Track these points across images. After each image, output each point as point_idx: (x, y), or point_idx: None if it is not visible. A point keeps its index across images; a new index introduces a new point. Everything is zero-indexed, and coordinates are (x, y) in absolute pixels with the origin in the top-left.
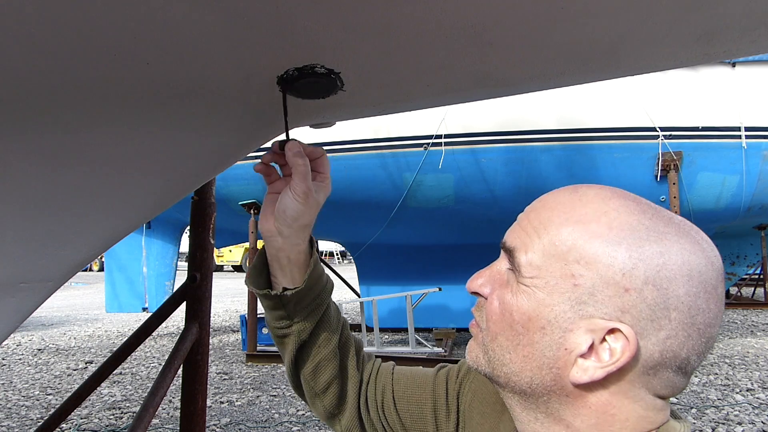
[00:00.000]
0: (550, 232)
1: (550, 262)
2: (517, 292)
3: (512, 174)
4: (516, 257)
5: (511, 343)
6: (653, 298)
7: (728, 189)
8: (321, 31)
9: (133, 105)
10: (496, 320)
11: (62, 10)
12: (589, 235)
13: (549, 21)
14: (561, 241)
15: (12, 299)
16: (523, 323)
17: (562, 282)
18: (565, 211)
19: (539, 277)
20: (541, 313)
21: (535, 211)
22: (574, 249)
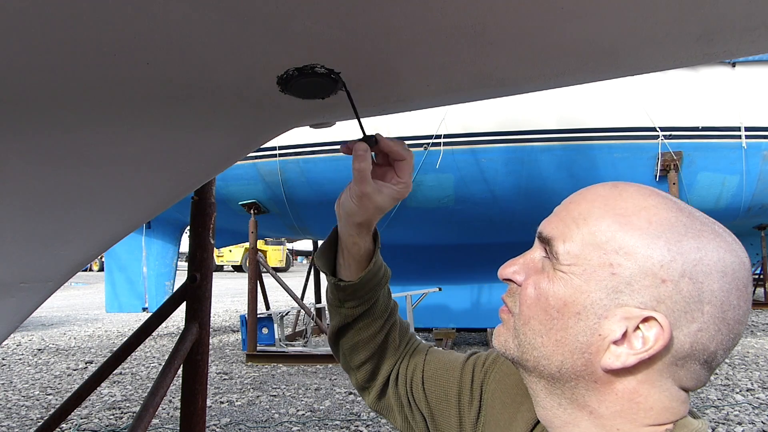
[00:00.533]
0: (589, 223)
1: (589, 251)
2: (554, 278)
3: (512, 174)
4: (554, 246)
5: (544, 327)
6: (688, 291)
7: (728, 189)
8: (321, 31)
9: (133, 105)
10: (531, 304)
11: (62, 10)
12: (630, 227)
13: (549, 21)
14: (601, 232)
15: (12, 299)
16: (559, 308)
17: (600, 270)
18: (605, 204)
19: (577, 264)
20: (577, 299)
21: (574, 203)
22: (613, 239)
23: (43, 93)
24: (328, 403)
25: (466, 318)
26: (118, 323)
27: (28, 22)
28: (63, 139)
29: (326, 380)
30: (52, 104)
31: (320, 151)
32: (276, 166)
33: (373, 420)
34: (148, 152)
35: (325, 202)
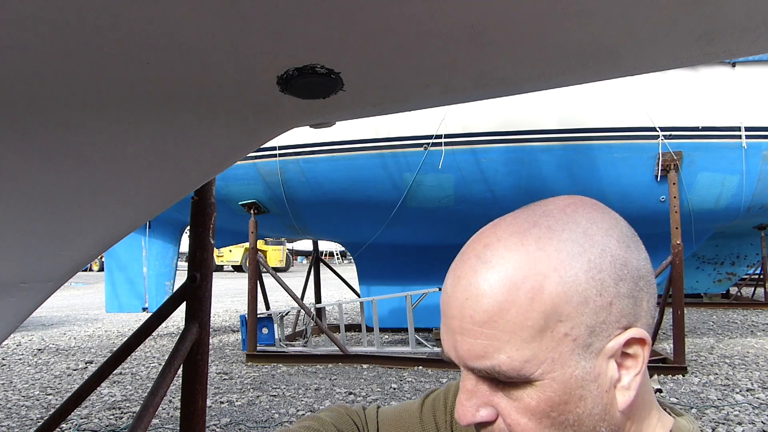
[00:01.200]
0: (510, 321)
1: (538, 342)
2: (536, 393)
3: (512, 174)
4: (504, 371)
5: (560, 431)
6: (628, 288)
7: (728, 189)
8: (321, 31)
9: (133, 105)
10: (535, 428)
11: (62, 10)
12: (546, 291)
13: (549, 21)
14: (529, 319)
15: (12, 299)
16: (563, 410)
17: (562, 346)
18: (504, 288)
19: (541, 361)
20: (569, 388)
21: (471, 309)
22: (546, 314)
23: (43, 93)
24: (328, 403)
25: None
26: (118, 323)
27: (29, 22)
28: (63, 139)
29: (326, 380)
30: (52, 104)
31: (320, 151)
32: (276, 166)
33: None
34: (148, 152)
35: (325, 202)
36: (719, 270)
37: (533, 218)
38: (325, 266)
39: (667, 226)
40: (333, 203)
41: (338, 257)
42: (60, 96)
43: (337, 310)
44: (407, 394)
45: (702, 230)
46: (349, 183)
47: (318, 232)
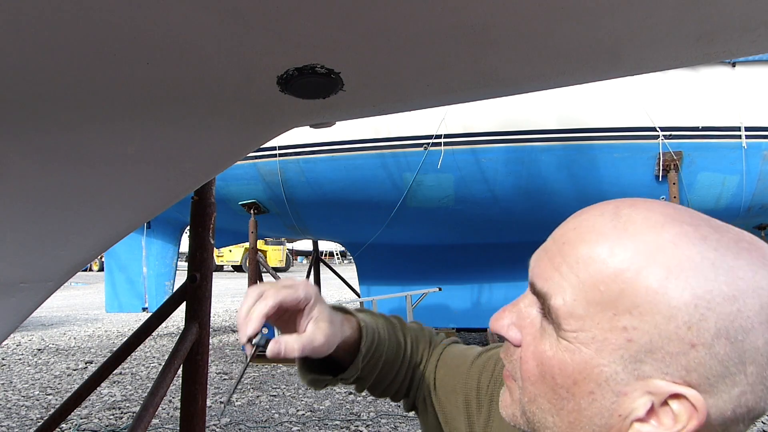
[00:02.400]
0: (592, 274)
1: (596, 312)
2: (557, 348)
3: (512, 174)
4: (552, 306)
5: (554, 407)
6: (726, 353)
7: (728, 189)
8: (321, 31)
9: (133, 105)
10: (535, 381)
11: (62, 11)
12: (643, 278)
13: (549, 21)
14: (607, 286)
15: (12, 299)
16: (568, 387)
17: (612, 336)
18: (608, 246)
19: (583, 330)
20: (588, 375)
21: (569, 243)
22: (624, 295)
23: (44, 93)
24: (328, 403)
25: (466, 318)
26: (118, 323)
27: (29, 22)
28: (63, 139)
29: None
30: (52, 104)
31: (320, 151)
32: (276, 166)
33: (373, 420)
34: (148, 152)
35: (325, 202)
36: None
37: (704, 220)
38: (325, 266)
39: None
40: (333, 203)
41: (338, 257)
42: (60, 96)
43: None
44: None
45: None
46: (349, 183)
47: (318, 232)
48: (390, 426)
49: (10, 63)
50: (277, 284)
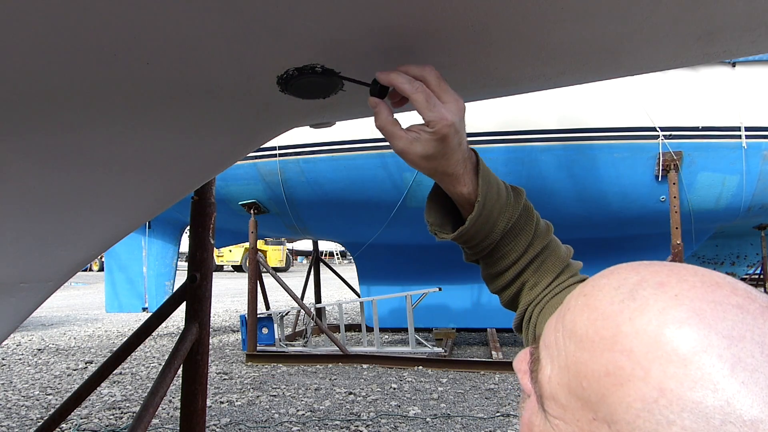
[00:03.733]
0: (579, 361)
1: (577, 407)
2: (545, 428)
3: (512, 174)
4: (539, 379)
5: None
6: None
7: (728, 189)
8: (321, 31)
9: (133, 105)
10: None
11: (62, 11)
12: (627, 393)
13: (549, 21)
14: (590, 384)
15: (12, 299)
16: None
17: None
18: (605, 334)
19: (564, 421)
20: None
21: (572, 311)
22: (605, 403)
23: (44, 93)
24: (328, 403)
25: (466, 318)
26: (118, 323)
27: (29, 22)
28: (63, 139)
29: (326, 380)
30: (52, 104)
31: (320, 151)
32: (276, 166)
33: (373, 420)
34: (148, 152)
35: (325, 202)
36: (719, 270)
37: (759, 324)
38: (325, 266)
39: (667, 226)
40: (333, 203)
41: (338, 257)
42: (60, 96)
43: (337, 310)
44: (407, 394)
45: (702, 230)
46: (349, 183)
47: (318, 232)
48: (390, 426)
49: (10, 63)
50: None
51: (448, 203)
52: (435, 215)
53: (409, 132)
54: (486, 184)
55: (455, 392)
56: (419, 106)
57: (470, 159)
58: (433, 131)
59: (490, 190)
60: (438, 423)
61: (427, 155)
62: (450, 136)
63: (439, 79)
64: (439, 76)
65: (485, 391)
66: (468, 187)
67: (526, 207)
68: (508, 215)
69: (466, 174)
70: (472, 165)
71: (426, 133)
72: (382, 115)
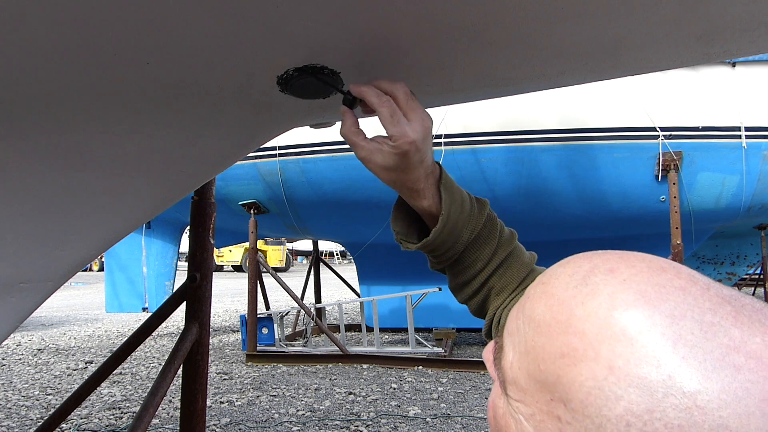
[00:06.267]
0: (537, 346)
1: (536, 389)
2: (507, 411)
3: (513, 174)
4: (502, 365)
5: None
6: None
7: (728, 189)
8: (321, 31)
9: (133, 105)
10: (491, 427)
11: (62, 10)
12: (578, 372)
13: (549, 21)
14: (547, 366)
15: (12, 299)
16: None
17: (549, 422)
18: (560, 318)
19: (524, 403)
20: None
21: (531, 298)
22: (560, 383)
23: (43, 93)
24: (328, 403)
25: (466, 318)
26: (118, 323)
27: (29, 22)
28: (63, 139)
29: (326, 380)
30: (52, 104)
31: (320, 151)
32: (276, 166)
33: (373, 420)
34: (148, 152)
35: (325, 202)
36: (719, 270)
37: (700, 305)
38: (325, 266)
39: (667, 226)
40: (333, 203)
41: (338, 257)
42: (60, 96)
43: (337, 310)
44: (407, 394)
45: (702, 230)
46: (349, 183)
47: (318, 232)
48: (390, 426)
49: (10, 63)
50: None
51: (413, 213)
52: (401, 224)
53: (372, 142)
54: (450, 197)
55: (455, 392)
56: (383, 120)
57: (433, 173)
58: (393, 146)
59: (454, 203)
60: (438, 423)
61: (386, 167)
62: (410, 153)
63: (408, 96)
64: (409, 94)
65: (485, 391)
66: (429, 200)
67: (490, 217)
68: (471, 226)
69: (427, 188)
70: (435, 179)
71: (387, 146)
72: (346, 123)
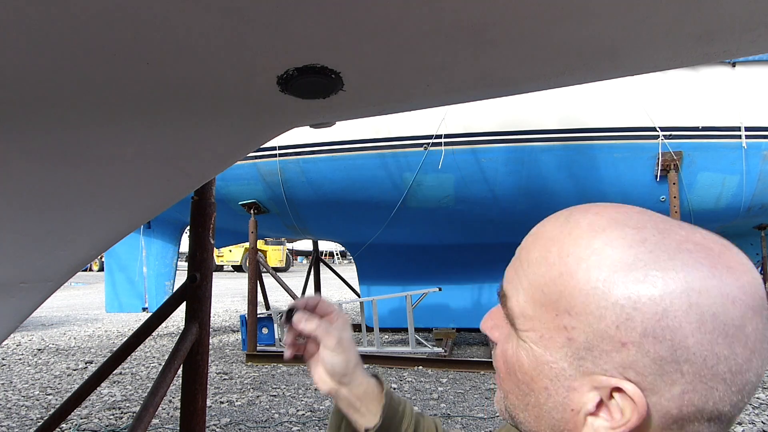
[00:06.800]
0: (538, 277)
1: (542, 312)
2: (517, 347)
3: (513, 174)
4: (509, 306)
5: (521, 402)
6: (656, 352)
7: (728, 189)
8: (321, 31)
9: (133, 105)
10: (504, 378)
11: (62, 11)
12: (577, 280)
13: (549, 21)
14: (549, 288)
15: (12, 299)
16: (527, 383)
17: (557, 335)
18: (554, 249)
19: (533, 329)
20: (542, 371)
21: (525, 248)
22: (563, 297)
23: (43, 93)
24: (328, 403)
25: (466, 318)
26: (118, 323)
27: (29, 22)
28: (63, 139)
29: None
30: (52, 104)
31: (320, 151)
32: (276, 166)
33: None
34: (148, 152)
35: (325, 202)
36: None
37: (653, 222)
38: (325, 266)
39: None
40: (333, 203)
41: (338, 257)
42: (60, 96)
43: None
44: (407, 394)
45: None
46: (349, 183)
47: (318, 232)
48: None
49: (10, 63)
50: None
51: None
52: None
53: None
54: None
55: (455, 392)
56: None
57: None
58: (328, 365)
59: None
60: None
61: (333, 375)
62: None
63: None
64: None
65: (485, 391)
66: None
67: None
68: (404, 406)
69: None
70: None
71: (322, 364)
72: (288, 350)
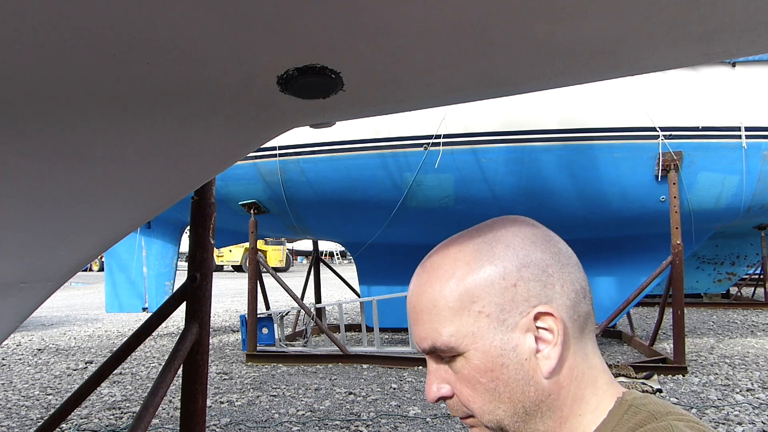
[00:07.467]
0: (438, 304)
1: (460, 320)
2: (467, 363)
3: (513, 174)
4: (439, 345)
5: (496, 399)
6: (531, 273)
7: (728, 189)
8: (321, 31)
9: (133, 105)
10: (475, 398)
11: (63, 11)
12: (459, 280)
13: (549, 21)
14: (448, 302)
15: (12, 299)
16: (490, 376)
17: (478, 322)
18: (433, 283)
19: (464, 336)
20: (490, 356)
21: (413, 305)
22: (462, 298)
23: (44, 93)
24: (328, 403)
25: None
26: (118, 323)
27: (30, 22)
28: (63, 139)
29: (326, 380)
30: (52, 105)
31: (320, 151)
32: (276, 166)
33: (373, 420)
34: (148, 152)
35: (325, 202)
36: (719, 270)
37: (467, 232)
38: (325, 266)
39: (667, 226)
40: (333, 203)
41: (338, 257)
42: (60, 96)
43: (337, 310)
44: (407, 394)
45: (702, 230)
46: (349, 183)
47: (318, 232)
48: (390, 426)
49: (10, 63)
50: None
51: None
52: None
53: None
54: None
55: None
56: None
57: None
58: None
59: None
60: (438, 423)
61: None
62: None
63: None
64: None
65: None
66: None
67: None
68: None
69: None
70: None
71: None
72: None
